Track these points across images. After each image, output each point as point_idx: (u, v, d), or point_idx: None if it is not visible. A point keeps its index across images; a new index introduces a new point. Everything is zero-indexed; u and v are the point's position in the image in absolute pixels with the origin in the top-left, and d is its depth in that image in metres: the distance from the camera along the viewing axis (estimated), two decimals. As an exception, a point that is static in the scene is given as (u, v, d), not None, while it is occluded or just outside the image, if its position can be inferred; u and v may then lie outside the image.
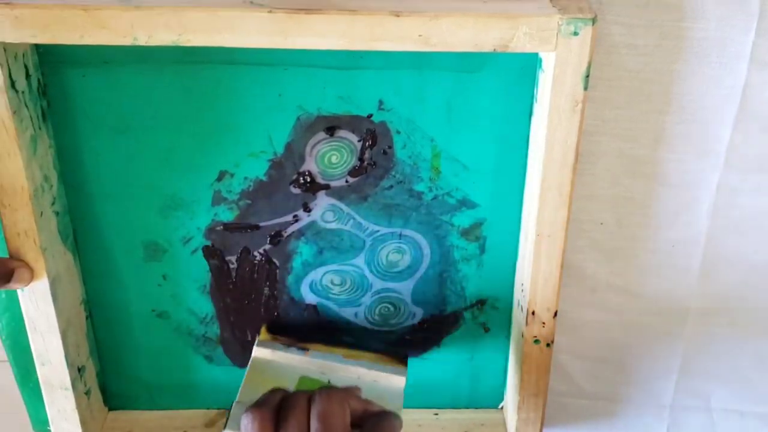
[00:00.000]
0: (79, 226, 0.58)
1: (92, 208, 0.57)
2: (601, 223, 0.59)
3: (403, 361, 0.59)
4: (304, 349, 0.57)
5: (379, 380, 0.58)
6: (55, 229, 0.55)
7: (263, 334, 0.60)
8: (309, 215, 0.58)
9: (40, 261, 0.53)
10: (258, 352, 0.58)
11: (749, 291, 0.61)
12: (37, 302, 0.54)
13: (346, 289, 0.61)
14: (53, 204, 0.55)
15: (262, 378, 0.55)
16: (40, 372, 0.58)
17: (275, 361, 0.57)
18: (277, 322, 0.61)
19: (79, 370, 0.59)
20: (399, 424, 0.48)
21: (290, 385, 0.55)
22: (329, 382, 0.56)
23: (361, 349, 0.60)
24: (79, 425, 0.60)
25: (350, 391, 0.49)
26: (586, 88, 0.48)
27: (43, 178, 0.53)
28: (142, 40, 0.46)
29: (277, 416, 0.46)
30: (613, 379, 0.66)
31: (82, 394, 0.60)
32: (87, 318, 0.61)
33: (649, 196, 0.58)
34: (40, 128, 0.52)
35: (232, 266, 0.60)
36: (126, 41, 0.46)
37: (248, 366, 0.57)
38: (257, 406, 0.47)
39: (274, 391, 0.50)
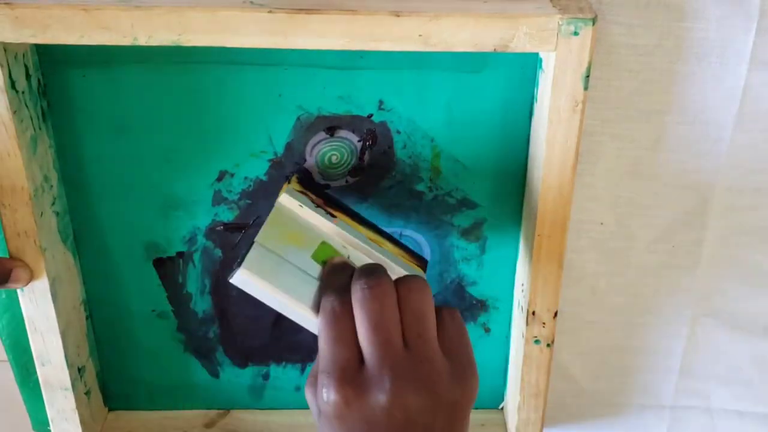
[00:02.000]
0: (80, 226, 0.58)
1: (92, 208, 0.57)
2: (602, 224, 0.59)
3: (422, 265, 0.56)
4: (333, 216, 0.52)
5: (396, 274, 0.52)
6: (55, 229, 0.55)
7: (294, 183, 0.54)
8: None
9: (40, 261, 0.53)
10: (286, 199, 0.52)
11: (749, 292, 0.61)
12: (37, 302, 0.54)
13: (347, 290, 0.61)
14: (53, 204, 0.55)
15: (285, 227, 0.51)
16: (40, 372, 0.57)
17: (300, 215, 0.52)
18: (306, 176, 0.57)
19: (79, 370, 0.59)
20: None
21: (311, 246, 0.51)
22: (349, 257, 0.52)
23: (384, 237, 0.56)
24: (79, 425, 0.60)
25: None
26: (586, 88, 0.48)
27: (43, 178, 0.53)
28: (143, 41, 0.46)
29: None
30: (614, 380, 0.66)
31: (82, 395, 0.60)
32: (87, 318, 0.61)
33: (649, 197, 0.58)
34: (40, 128, 0.52)
35: (232, 266, 0.60)
36: (126, 41, 0.46)
37: (273, 210, 0.52)
38: (339, 288, 0.45)
39: (340, 268, 0.48)
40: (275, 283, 0.47)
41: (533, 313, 0.55)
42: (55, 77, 0.52)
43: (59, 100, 0.53)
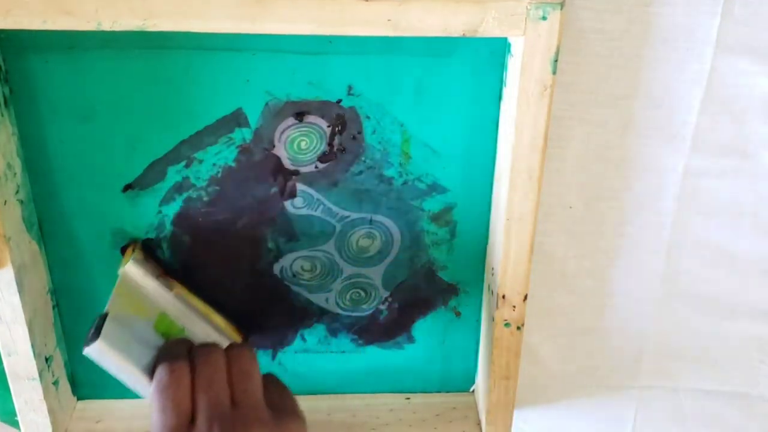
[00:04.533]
0: (45, 215, 0.57)
1: (57, 196, 0.56)
2: (570, 207, 0.59)
3: (244, 337, 0.60)
4: (169, 288, 0.56)
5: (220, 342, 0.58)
6: (19, 218, 0.54)
7: (138, 252, 0.57)
8: (279, 201, 0.57)
9: (4, 250, 0.52)
10: (130, 269, 0.55)
11: (715, 273, 0.62)
12: (2, 292, 0.54)
13: (317, 275, 0.61)
14: (17, 192, 0.54)
15: (130, 297, 0.54)
16: (7, 363, 0.57)
17: (143, 286, 0.55)
18: (147, 244, 0.59)
19: (46, 360, 0.59)
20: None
21: (152, 316, 0.54)
22: (184, 330, 0.55)
23: (214, 307, 0.59)
24: (47, 415, 0.60)
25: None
26: (554, 73, 0.48)
27: (6, 165, 0.52)
28: (107, 26, 0.45)
29: (192, 369, 0.48)
30: (583, 361, 0.67)
31: (49, 384, 0.60)
32: (54, 307, 0.60)
33: (617, 181, 0.58)
34: (2, 115, 0.51)
35: (201, 253, 0.59)
36: (90, 26, 0.45)
37: (119, 279, 0.55)
38: (171, 358, 0.48)
39: (176, 342, 0.51)
40: (125, 357, 0.49)
41: (503, 296, 0.56)
42: (17, 63, 0.51)
43: (22, 86, 0.52)
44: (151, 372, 0.49)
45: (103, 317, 0.50)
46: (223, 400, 0.47)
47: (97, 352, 0.49)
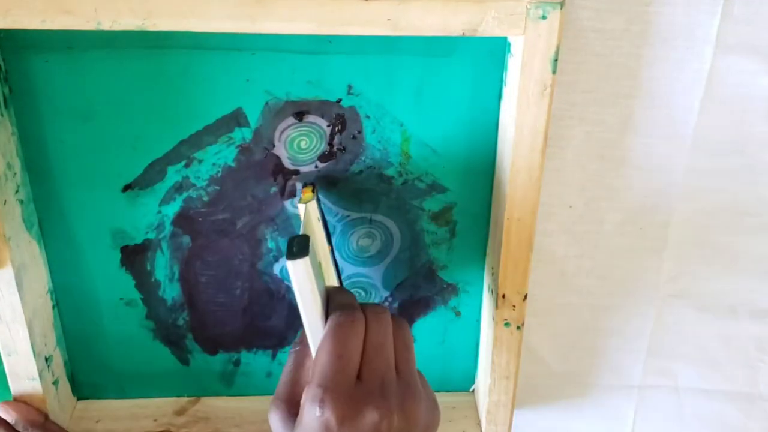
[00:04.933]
0: (45, 214, 0.57)
1: (57, 196, 0.56)
2: (570, 207, 0.59)
3: None
4: (329, 242, 0.55)
5: None
6: (19, 218, 0.54)
7: (315, 194, 0.55)
8: (279, 201, 0.57)
9: (4, 250, 0.52)
10: (312, 207, 0.53)
11: (715, 272, 0.62)
12: (2, 292, 0.54)
13: (317, 275, 0.61)
14: (17, 192, 0.54)
15: (310, 235, 0.50)
16: (7, 362, 0.57)
17: (314, 228, 0.53)
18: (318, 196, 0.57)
19: (46, 359, 0.59)
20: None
21: (317, 260, 0.51)
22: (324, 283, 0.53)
23: (340, 279, 0.57)
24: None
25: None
26: (554, 72, 0.48)
27: (6, 165, 0.52)
28: (107, 25, 0.45)
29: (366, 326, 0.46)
30: (583, 361, 0.67)
31: (49, 384, 0.60)
32: (54, 307, 0.60)
33: (617, 180, 0.58)
34: (2, 115, 0.51)
35: (201, 253, 0.59)
36: (90, 26, 0.45)
37: (303, 213, 0.52)
38: (350, 307, 0.47)
39: (347, 293, 0.49)
40: (318, 283, 0.47)
41: (503, 296, 0.56)
42: (16, 63, 0.51)
43: (21, 86, 0.52)
44: (325, 312, 0.47)
45: (306, 237, 0.47)
46: (392, 366, 0.46)
47: (301, 267, 0.45)
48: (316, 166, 0.56)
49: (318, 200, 0.55)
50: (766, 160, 0.58)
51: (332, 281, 0.54)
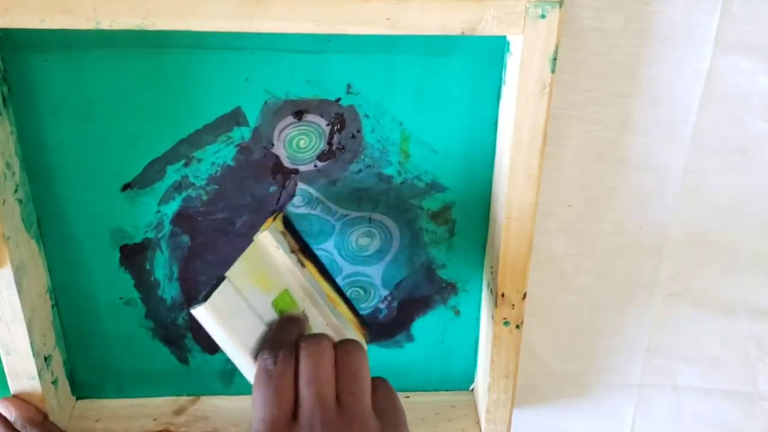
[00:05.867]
0: (44, 214, 0.57)
1: (56, 195, 0.56)
2: (570, 206, 0.59)
3: (366, 332, 0.57)
4: (303, 265, 0.53)
5: (340, 336, 0.54)
6: (18, 217, 0.54)
7: (278, 222, 0.54)
8: (278, 200, 0.57)
9: (3, 249, 0.52)
10: (266, 238, 0.51)
11: (715, 271, 0.62)
12: (1, 291, 0.54)
13: (316, 274, 0.61)
14: (16, 191, 0.54)
15: (257, 266, 0.51)
16: (6, 361, 0.57)
17: (274, 257, 0.52)
18: (287, 218, 0.57)
19: (45, 359, 0.59)
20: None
21: (274, 291, 0.51)
22: (303, 311, 0.52)
23: (342, 297, 0.56)
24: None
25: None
26: (553, 71, 0.48)
27: (5, 165, 0.52)
28: (106, 24, 0.45)
29: (297, 360, 0.45)
30: (582, 360, 0.67)
31: (49, 384, 0.60)
32: (53, 306, 0.60)
33: (616, 179, 0.58)
34: (1, 114, 0.51)
35: (200, 252, 0.59)
36: (89, 25, 0.45)
37: (250, 245, 0.51)
38: (277, 344, 0.45)
39: (286, 325, 0.48)
40: (230, 327, 0.47)
41: (502, 295, 0.56)
42: (15, 62, 0.51)
43: (20, 85, 0.52)
44: (256, 351, 0.47)
45: (219, 280, 0.47)
46: (329, 399, 0.44)
47: (201, 315, 0.46)
48: (315, 165, 0.56)
49: (289, 229, 0.55)
50: (766, 159, 0.58)
51: (318, 306, 0.53)
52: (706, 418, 0.70)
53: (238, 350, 0.47)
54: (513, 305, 0.56)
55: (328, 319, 0.53)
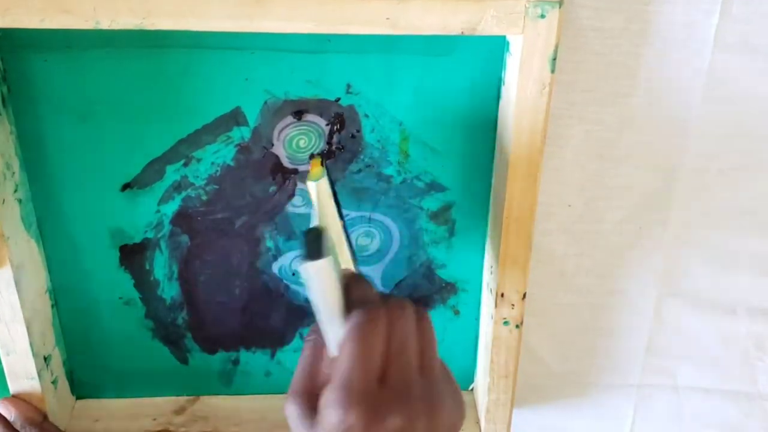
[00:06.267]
0: (43, 213, 0.57)
1: (56, 195, 0.56)
2: (569, 206, 0.59)
3: None
4: (341, 216, 0.50)
5: None
6: (17, 217, 0.54)
7: (323, 170, 0.50)
8: (278, 200, 0.57)
9: (3, 249, 0.52)
10: (323, 186, 0.49)
11: (714, 271, 0.62)
12: (0, 291, 0.54)
13: (316, 274, 0.61)
14: (15, 191, 0.54)
15: (322, 218, 0.48)
16: (5, 361, 0.57)
17: (326, 206, 0.49)
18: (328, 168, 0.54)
19: (45, 359, 0.59)
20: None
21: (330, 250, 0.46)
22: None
23: (353, 257, 0.53)
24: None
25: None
26: (553, 71, 0.48)
27: (5, 165, 0.52)
28: (105, 24, 0.45)
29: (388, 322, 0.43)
30: (582, 360, 0.67)
31: (48, 384, 0.60)
32: (53, 306, 0.60)
33: (616, 179, 0.58)
34: (0, 114, 0.51)
35: (200, 252, 0.59)
36: (88, 25, 0.45)
37: (313, 193, 0.49)
38: (370, 303, 0.43)
39: (366, 284, 0.46)
40: (334, 278, 0.43)
41: (502, 294, 0.56)
42: (15, 62, 0.51)
43: (20, 85, 0.52)
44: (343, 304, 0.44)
45: (319, 231, 0.43)
46: (415, 365, 0.43)
47: (321, 270, 0.42)
48: (315, 165, 0.56)
49: (327, 172, 0.51)
50: (765, 159, 0.58)
51: (346, 258, 0.51)
52: (706, 418, 0.70)
53: (338, 307, 0.44)
54: (513, 305, 0.56)
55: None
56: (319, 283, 0.43)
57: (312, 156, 0.55)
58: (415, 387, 0.42)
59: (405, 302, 0.45)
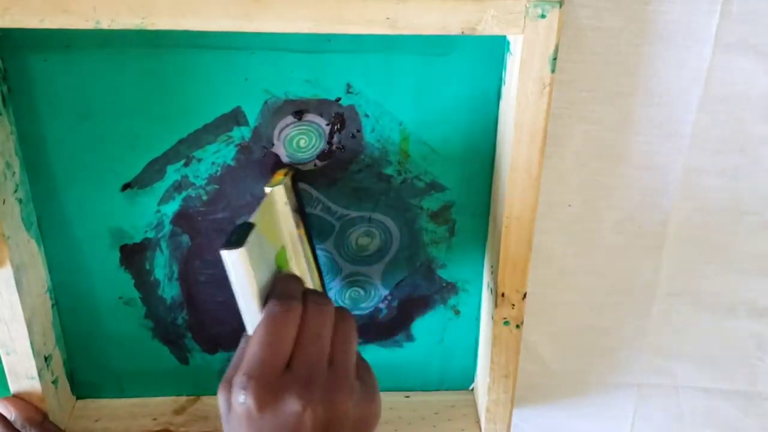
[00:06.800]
0: (43, 213, 0.57)
1: (56, 195, 0.56)
2: (569, 205, 0.59)
3: None
4: (297, 226, 0.53)
5: None
6: (18, 217, 0.54)
7: (288, 179, 0.54)
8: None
9: (3, 249, 0.52)
10: (279, 192, 0.52)
11: (714, 271, 0.62)
12: (1, 291, 0.54)
13: (316, 274, 0.61)
14: (16, 191, 0.54)
15: (267, 219, 0.50)
16: (6, 361, 0.57)
17: (280, 213, 0.52)
18: (297, 176, 0.56)
19: (45, 358, 0.59)
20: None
21: (276, 246, 0.51)
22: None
23: (317, 267, 0.57)
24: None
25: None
26: (553, 71, 0.48)
27: (5, 165, 0.52)
28: (105, 24, 0.45)
29: (304, 315, 0.46)
30: (582, 360, 0.67)
31: (49, 383, 0.60)
32: (53, 306, 0.60)
33: (616, 178, 0.58)
34: (1, 114, 0.51)
35: (200, 252, 0.59)
36: (88, 25, 0.45)
37: (266, 197, 0.51)
38: (287, 295, 0.46)
39: (293, 279, 0.49)
40: (254, 274, 0.46)
41: (502, 294, 0.56)
42: (15, 62, 0.51)
43: (20, 85, 0.52)
44: (264, 301, 0.47)
45: (248, 226, 0.46)
46: (323, 359, 0.45)
47: (235, 258, 0.45)
48: (315, 165, 0.56)
49: (294, 186, 0.55)
50: (765, 159, 0.58)
51: (301, 268, 0.54)
52: (706, 418, 0.70)
53: (255, 297, 0.46)
54: (513, 305, 0.56)
55: (308, 282, 0.53)
56: (235, 271, 0.45)
57: (280, 168, 0.56)
58: (320, 376, 0.44)
59: (326, 300, 0.48)
